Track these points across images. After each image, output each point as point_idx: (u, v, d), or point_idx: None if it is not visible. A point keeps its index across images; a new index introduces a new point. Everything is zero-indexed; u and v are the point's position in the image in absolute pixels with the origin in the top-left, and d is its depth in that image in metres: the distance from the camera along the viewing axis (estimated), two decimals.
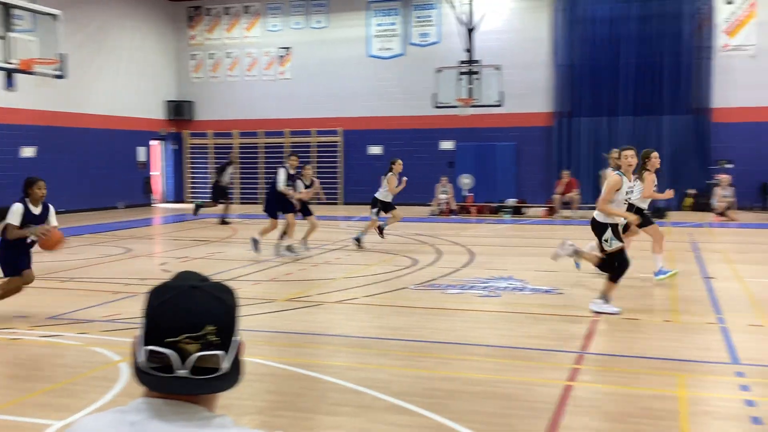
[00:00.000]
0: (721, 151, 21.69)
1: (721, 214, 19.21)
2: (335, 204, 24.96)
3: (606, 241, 7.87)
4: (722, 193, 19.57)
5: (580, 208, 20.20)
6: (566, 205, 20.39)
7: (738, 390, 5.30)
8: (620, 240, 7.91)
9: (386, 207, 13.55)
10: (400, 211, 13.89)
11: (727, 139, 21.71)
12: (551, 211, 20.54)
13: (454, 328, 7.34)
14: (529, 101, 23.27)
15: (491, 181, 22.77)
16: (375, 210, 13.52)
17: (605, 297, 7.93)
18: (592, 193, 22.47)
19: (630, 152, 8.03)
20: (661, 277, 9.73)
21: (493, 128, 23.51)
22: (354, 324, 7.74)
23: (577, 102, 23.18)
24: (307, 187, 12.94)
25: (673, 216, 20.35)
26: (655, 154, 9.69)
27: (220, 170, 19.16)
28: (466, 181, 22.22)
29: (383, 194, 13.47)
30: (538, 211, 21.18)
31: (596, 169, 23.22)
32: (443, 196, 21.43)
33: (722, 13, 22.00)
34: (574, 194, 20.36)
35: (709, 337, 6.85)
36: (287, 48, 26.06)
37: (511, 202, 21.73)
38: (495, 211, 21.43)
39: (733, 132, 21.70)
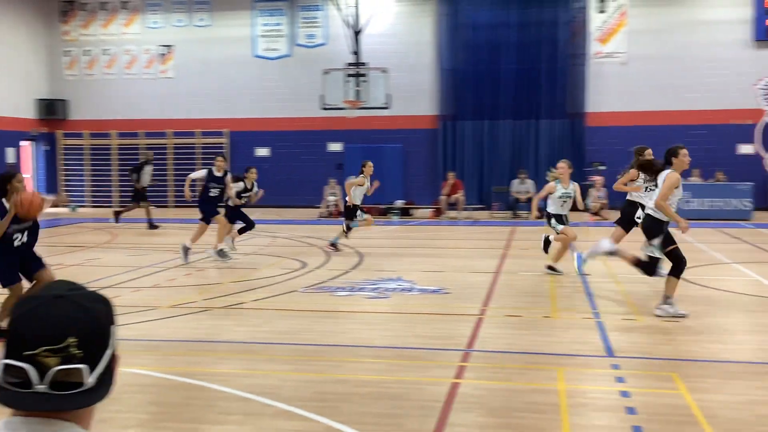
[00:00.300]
0: (594, 154, 22.81)
1: (596, 213, 20.22)
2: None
3: (652, 246, 7.59)
4: (596, 194, 20.61)
5: (465, 209, 20.72)
6: (452, 206, 20.85)
7: (614, 382, 5.56)
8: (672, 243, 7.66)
9: (348, 212, 13.40)
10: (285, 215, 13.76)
11: (600, 143, 22.87)
12: (438, 212, 20.96)
13: (344, 331, 7.34)
14: (415, 104, 23.65)
15: (379, 183, 22.93)
16: (359, 213, 13.37)
17: (669, 298, 7.61)
18: (476, 195, 23.14)
19: (684, 150, 7.93)
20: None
21: (380, 130, 23.72)
22: (242, 329, 7.59)
23: (461, 105, 23.77)
24: (248, 190, 12.56)
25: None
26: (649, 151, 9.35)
27: (137, 171, 18.29)
28: None
29: (357, 197, 13.32)
30: (426, 212, 21.56)
31: (480, 171, 23.93)
32: (332, 198, 21.43)
33: (595, 22, 23.17)
34: (459, 195, 20.85)
35: (585, 332, 7.16)
36: (169, 46, 25.28)
37: (399, 203, 22.00)
38: (383, 212, 21.63)
39: (606, 136, 22.89)
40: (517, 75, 23.41)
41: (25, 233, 6.99)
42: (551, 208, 10.41)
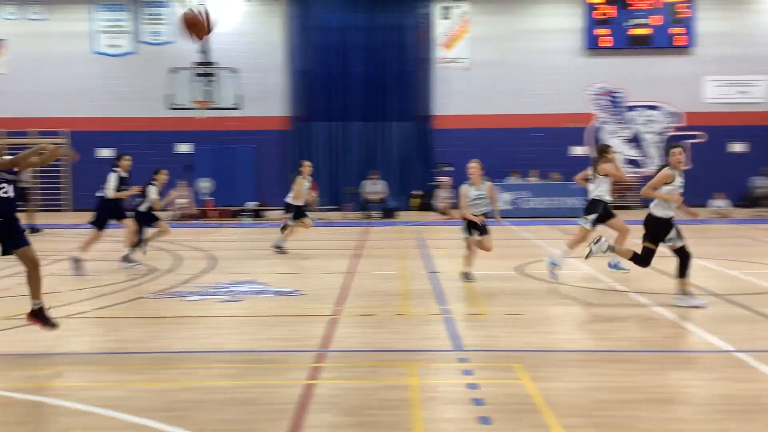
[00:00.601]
0: (442, 155, 23.60)
1: (443, 213, 20.93)
2: (62, 211, 23.08)
3: (671, 239, 7.99)
4: (444, 194, 21.34)
5: (318, 210, 20.76)
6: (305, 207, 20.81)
7: (462, 375, 5.78)
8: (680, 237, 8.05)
9: (297, 213, 13.10)
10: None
11: (447, 145, 23.70)
12: None
13: (196, 336, 7.15)
14: (266, 105, 23.44)
15: (231, 185, 22.56)
16: (290, 215, 13.05)
17: (687, 291, 8.07)
18: (329, 196, 23.26)
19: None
20: (622, 270, 10.00)
21: (232, 131, 23.31)
22: (85, 340, 7.20)
23: (313, 107, 23.84)
24: (159, 194, 11.74)
25: (402, 216, 21.74)
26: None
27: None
28: (205, 185, 21.77)
29: (292, 198, 13.01)
30: (279, 213, 21.39)
31: (333, 172, 24.08)
32: (182, 200, 20.79)
33: (440, 28, 23.97)
34: (312, 196, 20.86)
35: (435, 328, 7.40)
36: (0, 40, 23.52)
37: (252, 205, 21.71)
38: (235, 214, 21.27)
39: (452, 138, 23.75)
40: (367, 78, 23.79)
41: (12, 187, 6.37)
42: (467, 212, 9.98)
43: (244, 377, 5.80)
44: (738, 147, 23.71)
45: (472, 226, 9.93)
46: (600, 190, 9.76)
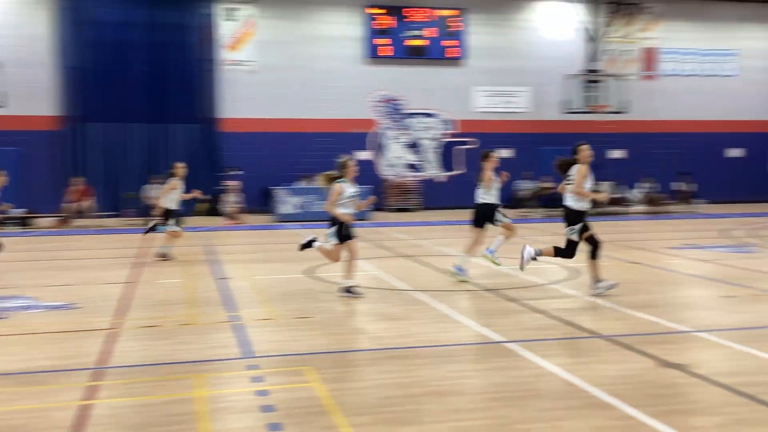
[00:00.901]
0: (229, 159, 23.21)
1: (231, 217, 20.59)
2: None
3: (572, 230, 8.74)
4: (232, 199, 21.00)
5: (96, 216, 19.54)
6: (80, 213, 19.51)
7: (251, 382, 5.70)
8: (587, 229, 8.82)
9: (171, 215, 12.39)
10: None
11: (236, 148, 23.36)
12: (64, 221, 19.44)
13: None
14: (34, 103, 21.63)
15: None
16: (173, 221, 12.35)
17: (598, 278, 8.91)
18: (107, 201, 21.91)
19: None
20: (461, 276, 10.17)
21: None
22: None
23: (89, 106, 22.37)
24: None
25: (188, 221, 21.07)
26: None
27: None
28: None
29: (170, 201, 12.36)
30: (49, 221, 19.82)
31: (111, 176, 22.70)
32: None
33: (224, 29, 23.56)
34: (88, 202, 19.61)
35: (224, 335, 7.23)
36: None
37: (17, 212, 19.88)
38: None
39: (240, 141, 23.45)
40: (148, 77, 22.81)
41: None
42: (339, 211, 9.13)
43: (11, 402, 5.27)
44: (505, 153, 25.75)
45: (344, 231, 9.15)
46: (486, 194, 10.26)
